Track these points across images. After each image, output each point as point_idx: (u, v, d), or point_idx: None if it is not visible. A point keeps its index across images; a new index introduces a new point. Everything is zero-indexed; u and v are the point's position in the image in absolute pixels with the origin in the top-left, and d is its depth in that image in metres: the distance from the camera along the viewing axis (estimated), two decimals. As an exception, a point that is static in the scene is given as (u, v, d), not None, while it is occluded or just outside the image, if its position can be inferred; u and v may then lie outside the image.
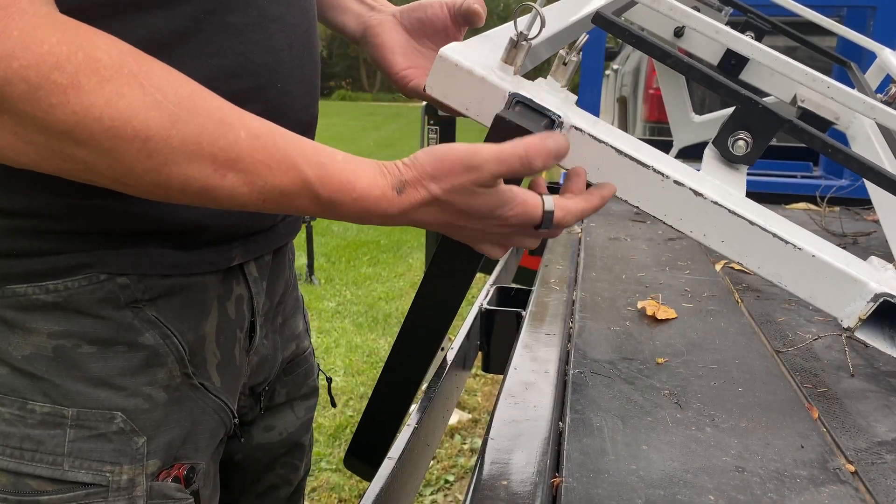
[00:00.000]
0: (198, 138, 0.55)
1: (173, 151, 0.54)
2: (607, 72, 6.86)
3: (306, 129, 0.84)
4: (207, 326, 0.76)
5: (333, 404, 1.10)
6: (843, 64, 1.52)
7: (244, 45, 0.69)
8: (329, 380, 1.04)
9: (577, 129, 0.68)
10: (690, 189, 0.69)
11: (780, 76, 1.20)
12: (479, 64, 0.68)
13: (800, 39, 1.44)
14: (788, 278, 0.72)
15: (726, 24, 1.42)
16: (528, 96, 0.67)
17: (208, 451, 0.78)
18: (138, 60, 0.54)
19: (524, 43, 0.68)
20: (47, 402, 0.67)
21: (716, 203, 0.70)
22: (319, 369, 1.03)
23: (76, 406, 0.67)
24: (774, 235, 0.70)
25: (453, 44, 0.70)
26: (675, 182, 0.70)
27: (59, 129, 0.51)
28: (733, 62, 1.38)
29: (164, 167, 0.55)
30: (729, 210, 0.70)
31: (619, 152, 0.69)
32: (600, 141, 0.69)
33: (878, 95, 1.34)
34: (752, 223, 0.70)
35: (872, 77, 1.50)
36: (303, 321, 0.99)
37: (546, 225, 0.65)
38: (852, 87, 1.11)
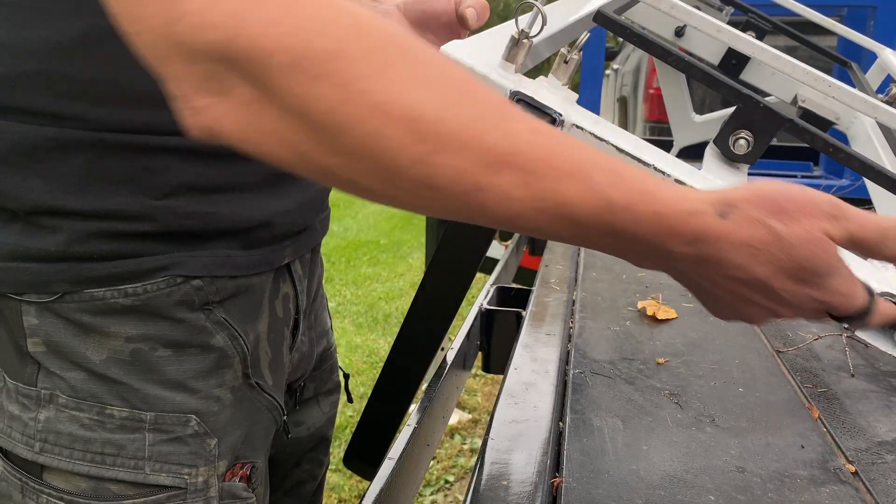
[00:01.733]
0: (473, 124, 0.45)
1: (445, 137, 0.44)
2: (608, 71, 6.86)
3: None
4: (262, 325, 0.76)
5: (350, 400, 1.08)
6: (844, 64, 1.51)
7: None
8: (346, 376, 1.04)
9: (577, 127, 0.68)
10: (691, 188, 0.69)
11: (781, 76, 1.20)
12: (481, 62, 0.68)
13: (800, 39, 1.44)
14: (789, 278, 0.72)
15: (727, 23, 1.42)
16: (529, 94, 0.67)
17: (263, 450, 0.78)
18: (403, 33, 0.46)
19: (525, 41, 0.68)
20: (125, 406, 0.67)
21: (717, 202, 0.69)
22: (339, 366, 1.04)
23: (153, 410, 0.67)
24: (775, 235, 0.70)
25: (454, 41, 0.70)
26: (677, 181, 0.69)
27: (320, 109, 0.42)
28: (734, 61, 1.38)
29: (433, 156, 0.44)
30: (730, 209, 0.69)
31: (620, 150, 0.69)
32: (601, 139, 0.68)
33: (879, 95, 1.34)
34: (752, 223, 0.70)
35: (873, 77, 1.50)
36: (328, 317, 0.99)
37: (860, 317, 0.52)
38: (853, 86, 1.11)
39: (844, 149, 0.76)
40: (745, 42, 0.94)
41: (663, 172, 0.69)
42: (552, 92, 0.69)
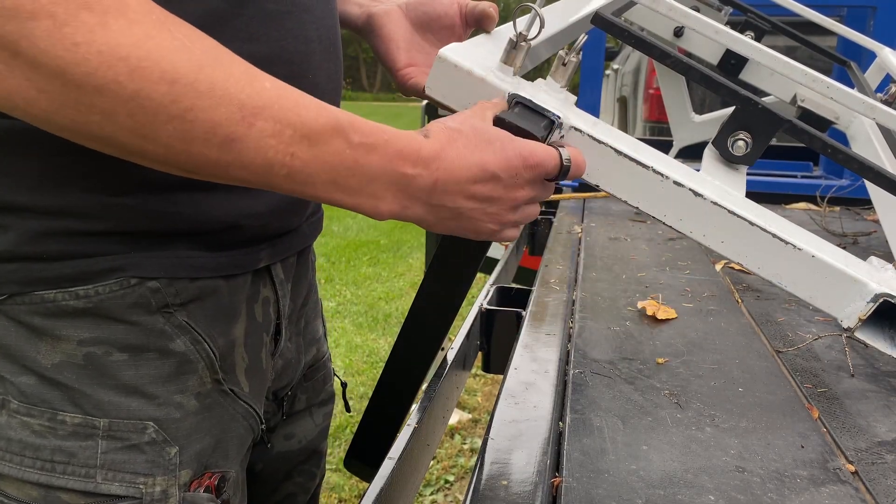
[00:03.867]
0: (224, 83, 0.52)
1: (200, 96, 0.51)
2: (607, 72, 6.85)
3: None
4: (237, 330, 0.74)
5: (348, 409, 1.07)
6: (843, 64, 1.52)
7: (279, 32, 0.68)
8: (344, 384, 1.02)
9: (576, 129, 0.68)
10: (690, 189, 0.69)
11: (780, 76, 1.20)
12: (479, 65, 0.68)
13: (800, 39, 1.44)
14: (788, 279, 0.72)
15: (726, 23, 1.42)
16: (528, 97, 0.67)
17: (237, 459, 0.76)
18: (164, 11, 0.52)
19: (523, 43, 0.68)
20: (78, 412, 0.65)
21: (715, 203, 0.70)
22: (335, 374, 1.01)
23: (108, 416, 0.65)
24: (774, 236, 0.70)
25: (453, 44, 0.70)
26: (675, 182, 0.70)
27: (81, 72, 0.48)
28: (733, 62, 1.38)
29: (189, 112, 0.51)
30: (729, 210, 0.70)
31: (619, 153, 0.69)
32: (600, 142, 0.69)
33: (878, 95, 1.34)
34: (751, 223, 0.70)
35: (872, 77, 1.50)
36: (322, 325, 0.97)
37: (565, 171, 0.66)
38: (852, 86, 1.11)
39: (843, 149, 0.76)
40: (743, 43, 0.94)
41: (662, 174, 0.69)
42: (551, 94, 0.70)
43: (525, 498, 0.60)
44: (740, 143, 0.78)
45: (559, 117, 0.67)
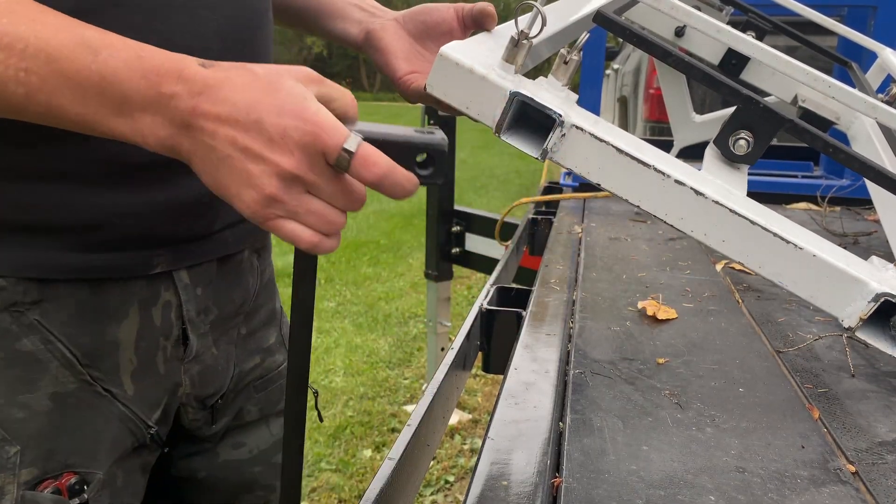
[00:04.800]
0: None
1: None
2: (608, 71, 6.86)
3: None
4: (122, 332, 0.72)
5: (321, 419, 1.05)
6: (844, 64, 1.51)
7: (166, 25, 0.66)
8: (315, 393, 0.99)
9: (577, 128, 0.68)
10: (691, 188, 0.69)
11: (781, 76, 1.20)
12: (480, 63, 0.68)
13: (801, 39, 1.44)
14: (789, 278, 0.72)
15: (727, 23, 1.42)
16: (529, 95, 0.67)
17: (109, 461, 0.74)
18: None
19: (525, 42, 0.68)
20: None
21: (717, 203, 0.69)
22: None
23: None
24: (775, 235, 0.70)
25: (454, 42, 0.70)
26: (676, 181, 0.69)
27: None
28: (734, 62, 1.38)
29: None
30: (730, 210, 0.70)
31: (620, 151, 0.69)
32: (601, 140, 0.69)
33: (879, 95, 1.34)
34: (752, 223, 0.70)
35: (873, 77, 1.50)
36: (278, 334, 0.94)
37: (342, 163, 0.54)
38: (853, 86, 1.11)
39: (844, 149, 0.76)
40: (745, 42, 0.94)
41: (663, 173, 0.69)
42: (552, 92, 0.69)
43: (525, 498, 0.60)
44: (742, 142, 0.78)
45: (560, 115, 0.67)
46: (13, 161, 0.63)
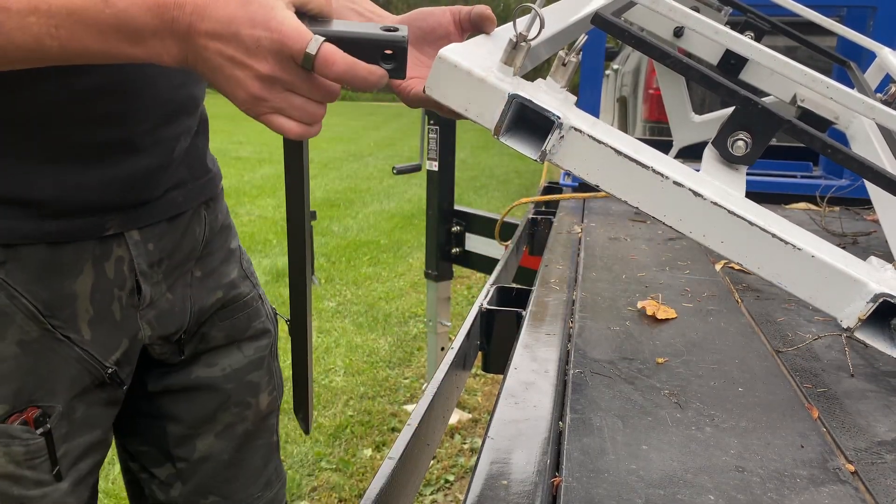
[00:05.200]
0: None
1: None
2: (607, 72, 6.85)
3: (178, 111, 0.89)
4: (78, 286, 0.83)
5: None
6: (843, 64, 1.52)
7: None
8: (288, 321, 1.17)
9: (576, 129, 0.68)
10: (690, 189, 0.69)
11: (780, 76, 1.20)
12: (479, 65, 0.68)
13: (799, 39, 1.44)
14: (788, 279, 0.72)
15: (726, 23, 1.42)
16: (528, 97, 0.67)
17: (67, 396, 0.85)
18: None
19: (523, 44, 0.68)
20: None
21: (715, 203, 0.70)
22: (276, 313, 1.13)
23: None
24: (774, 236, 0.70)
25: (452, 45, 0.70)
26: (675, 183, 0.70)
27: None
28: (733, 62, 1.38)
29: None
30: (728, 210, 0.70)
31: (619, 153, 0.69)
32: (599, 142, 0.69)
33: (878, 95, 1.34)
34: (751, 223, 0.70)
35: (872, 77, 1.50)
36: (239, 268, 1.05)
37: (307, 64, 0.62)
38: (852, 86, 1.11)
39: (843, 149, 0.76)
40: (743, 43, 0.94)
41: (662, 174, 0.69)
42: (551, 94, 0.70)
43: (525, 498, 0.61)
44: (740, 143, 0.78)
45: (559, 117, 0.67)
46: None
